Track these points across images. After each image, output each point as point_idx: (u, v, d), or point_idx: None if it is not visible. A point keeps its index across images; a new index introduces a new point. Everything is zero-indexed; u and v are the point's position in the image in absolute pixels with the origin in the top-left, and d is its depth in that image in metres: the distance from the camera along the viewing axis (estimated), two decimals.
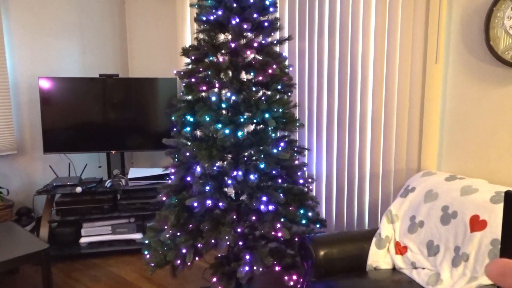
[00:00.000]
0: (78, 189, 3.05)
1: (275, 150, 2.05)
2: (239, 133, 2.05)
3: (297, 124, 2.21)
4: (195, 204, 2.02)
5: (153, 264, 2.18)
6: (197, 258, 2.15)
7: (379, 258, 2.06)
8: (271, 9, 2.22)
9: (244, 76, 2.26)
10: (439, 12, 2.15)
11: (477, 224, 1.73)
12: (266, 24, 2.18)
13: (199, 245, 2.06)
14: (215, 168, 2.11)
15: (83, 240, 3.16)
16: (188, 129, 2.19)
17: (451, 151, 2.27)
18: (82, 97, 3.29)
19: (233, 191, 2.26)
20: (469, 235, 1.74)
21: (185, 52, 2.19)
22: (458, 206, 1.84)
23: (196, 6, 2.21)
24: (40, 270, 2.32)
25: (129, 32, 4.03)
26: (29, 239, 2.38)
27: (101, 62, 3.85)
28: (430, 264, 1.88)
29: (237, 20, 2.09)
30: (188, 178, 2.19)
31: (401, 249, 2.03)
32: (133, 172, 3.38)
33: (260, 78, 2.14)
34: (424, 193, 2.04)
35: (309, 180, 2.33)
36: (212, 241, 2.02)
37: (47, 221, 3.05)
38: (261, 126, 2.22)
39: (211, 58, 2.17)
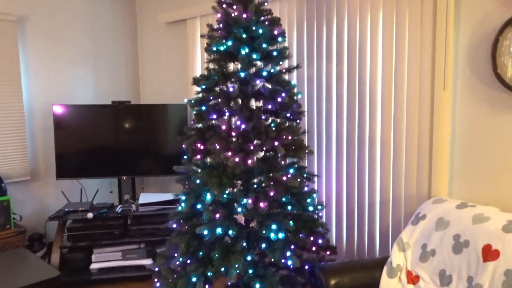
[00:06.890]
0: (90, 215, 3.08)
1: (284, 177, 2.07)
2: (249, 161, 2.07)
3: (306, 151, 2.23)
4: (205, 232, 2.03)
5: None
6: (207, 287, 2.14)
7: (391, 287, 2.03)
8: (279, 39, 2.28)
9: (253, 104, 2.30)
10: (445, 39, 2.18)
11: (489, 253, 1.71)
12: (275, 53, 2.23)
13: (209, 274, 2.06)
14: (225, 195, 2.13)
15: (93, 266, 3.16)
16: (198, 156, 2.22)
17: (462, 178, 2.26)
18: (94, 123, 3.35)
19: (243, 218, 2.27)
20: (482, 265, 1.72)
21: (196, 81, 2.24)
22: (470, 234, 1.82)
23: (207, 37, 2.27)
24: None
25: (141, 60, 4.13)
26: (40, 266, 2.39)
27: (113, 89, 3.93)
28: None
29: (247, 50, 2.14)
30: (199, 206, 2.20)
31: (413, 278, 2.00)
32: (144, 198, 3.40)
33: (270, 106, 2.17)
34: (435, 221, 2.02)
35: (319, 206, 2.32)
36: (222, 269, 2.01)
37: (58, 247, 3.07)
38: (271, 153, 2.24)
39: (221, 87, 2.22)
